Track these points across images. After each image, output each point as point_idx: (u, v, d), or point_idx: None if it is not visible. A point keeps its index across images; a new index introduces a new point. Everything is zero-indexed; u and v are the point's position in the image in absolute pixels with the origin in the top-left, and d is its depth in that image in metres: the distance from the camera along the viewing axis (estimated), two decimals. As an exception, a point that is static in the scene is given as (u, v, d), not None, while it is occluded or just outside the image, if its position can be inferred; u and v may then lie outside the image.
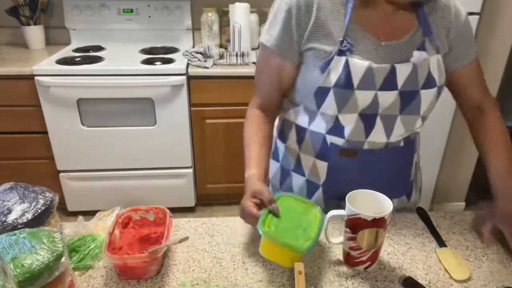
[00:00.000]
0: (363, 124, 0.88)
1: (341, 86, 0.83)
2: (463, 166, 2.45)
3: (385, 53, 0.85)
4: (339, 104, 0.86)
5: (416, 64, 0.85)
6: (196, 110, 2.21)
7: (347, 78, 0.83)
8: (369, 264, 0.81)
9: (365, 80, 0.83)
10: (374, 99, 0.85)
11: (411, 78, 0.85)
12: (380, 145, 0.91)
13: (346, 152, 0.92)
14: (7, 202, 0.79)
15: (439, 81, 0.88)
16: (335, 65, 0.83)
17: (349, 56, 0.83)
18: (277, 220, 0.80)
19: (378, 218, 0.74)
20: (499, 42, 2.12)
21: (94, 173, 2.30)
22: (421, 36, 0.86)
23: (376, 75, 0.83)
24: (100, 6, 2.43)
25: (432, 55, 0.87)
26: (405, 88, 0.85)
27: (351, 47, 0.83)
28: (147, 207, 0.88)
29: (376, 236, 0.77)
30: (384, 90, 0.85)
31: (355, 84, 0.83)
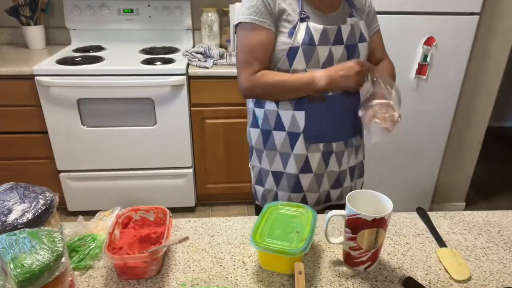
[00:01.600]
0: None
1: (306, 44, 1.07)
2: (463, 166, 2.45)
3: (330, 20, 1.12)
4: (306, 59, 1.08)
5: (353, 25, 1.13)
6: (196, 110, 2.21)
7: (310, 38, 1.07)
8: (369, 264, 0.81)
9: (322, 38, 1.08)
10: (329, 53, 1.10)
11: (351, 34, 1.12)
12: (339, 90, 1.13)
13: (315, 98, 1.11)
14: (7, 202, 0.79)
15: (367, 37, 1.17)
16: (299, 29, 1.07)
17: (308, 21, 1.08)
18: (270, 228, 0.82)
19: (378, 218, 0.74)
20: (499, 42, 2.12)
21: (94, 173, 2.30)
22: (348, 8, 1.15)
23: (329, 34, 1.09)
24: (100, 6, 2.43)
25: (359, 20, 1.15)
26: (348, 42, 1.12)
27: (308, 16, 1.09)
28: (147, 207, 0.88)
29: (376, 236, 0.77)
30: (335, 44, 1.10)
31: (316, 41, 1.08)
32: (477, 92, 2.23)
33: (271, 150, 1.19)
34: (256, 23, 1.08)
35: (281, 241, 0.78)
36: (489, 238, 0.92)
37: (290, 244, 0.77)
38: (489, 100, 2.26)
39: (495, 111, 2.41)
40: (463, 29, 2.01)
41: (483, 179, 2.77)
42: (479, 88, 2.22)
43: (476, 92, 2.23)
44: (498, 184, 2.93)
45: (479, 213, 1.01)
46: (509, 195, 2.81)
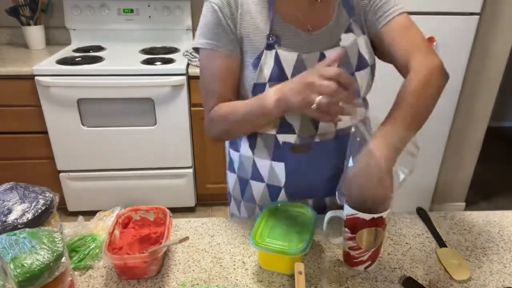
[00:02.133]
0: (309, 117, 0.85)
1: (275, 80, 0.82)
2: (463, 166, 2.45)
3: (314, 41, 0.85)
4: None
5: (346, 47, 0.84)
6: (196, 110, 2.21)
7: (280, 71, 0.82)
8: (369, 264, 0.81)
9: (297, 70, 0.81)
10: None
11: (344, 62, 0.83)
12: (331, 135, 0.90)
13: (300, 148, 0.90)
14: (7, 202, 0.79)
15: (370, 61, 0.88)
16: (265, 60, 0.83)
17: (277, 48, 0.83)
18: (270, 228, 0.82)
19: (376, 218, 0.74)
20: (499, 42, 2.12)
21: (94, 173, 2.30)
22: (346, 17, 0.86)
23: (307, 65, 0.83)
24: (100, 6, 2.43)
25: (359, 36, 0.87)
26: None
27: (279, 40, 0.83)
28: (147, 207, 0.88)
29: (375, 235, 0.77)
30: None
31: (289, 75, 0.82)
32: (477, 92, 2.23)
33: (248, 202, 1.02)
34: (210, 47, 0.85)
35: (281, 241, 0.78)
36: (489, 238, 0.92)
37: (290, 244, 0.77)
38: (489, 100, 2.26)
39: (495, 111, 2.40)
40: (463, 29, 2.01)
41: (483, 179, 2.77)
42: (479, 88, 2.22)
43: (476, 92, 2.23)
44: (498, 184, 2.93)
45: (479, 213, 1.01)
46: (509, 195, 2.81)
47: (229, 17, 0.84)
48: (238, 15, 0.84)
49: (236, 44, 0.86)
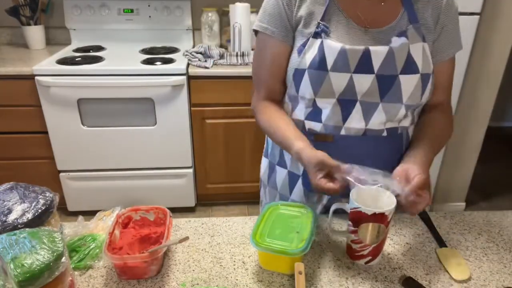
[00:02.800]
0: (341, 108, 0.87)
1: (315, 67, 0.84)
2: (463, 166, 2.45)
3: (364, 39, 0.85)
4: (314, 87, 0.85)
5: (392, 47, 0.83)
6: (196, 110, 2.21)
7: (321, 60, 0.83)
8: (370, 259, 0.81)
9: (339, 61, 0.82)
10: (349, 82, 0.84)
11: (388, 61, 0.83)
12: (358, 131, 0.89)
13: (322, 137, 0.90)
14: (7, 202, 0.79)
15: (423, 68, 0.85)
16: (310, 47, 0.85)
17: (324, 38, 0.84)
18: (270, 228, 0.82)
19: (378, 213, 0.75)
20: (499, 42, 2.12)
21: (94, 173, 2.30)
22: (406, 22, 0.86)
23: (350, 57, 0.82)
24: (100, 6, 2.43)
25: (415, 42, 0.85)
26: (382, 72, 0.83)
27: (327, 30, 0.84)
28: (147, 207, 0.88)
29: (377, 231, 0.77)
30: (359, 73, 0.83)
31: (329, 65, 0.83)
32: (477, 92, 2.23)
33: (272, 188, 1.05)
34: (266, 32, 0.89)
35: (281, 241, 0.78)
36: (489, 238, 0.92)
37: (290, 244, 0.77)
38: (489, 100, 2.26)
39: (495, 111, 2.41)
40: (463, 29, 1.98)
41: (483, 179, 2.77)
42: (479, 88, 2.22)
43: (476, 92, 2.23)
44: (498, 184, 2.93)
45: (479, 213, 1.01)
46: (509, 195, 2.81)
47: (287, 3, 0.87)
48: (297, 2, 0.87)
49: (290, 32, 0.89)
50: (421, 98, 0.88)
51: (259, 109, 0.96)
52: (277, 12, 0.88)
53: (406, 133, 0.95)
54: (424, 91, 0.87)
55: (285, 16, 0.87)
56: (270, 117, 0.93)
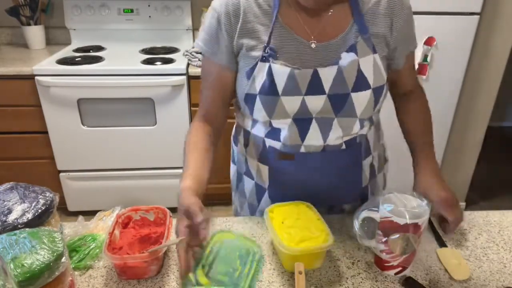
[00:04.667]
0: (297, 128, 0.87)
1: (266, 93, 0.83)
2: (463, 166, 2.45)
3: (313, 56, 0.83)
4: (268, 110, 0.85)
5: (341, 67, 0.82)
6: (196, 110, 2.19)
7: (271, 85, 0.82)
8: (400, 270, 0.79)
9: (289, 85, 0.82)
10: (302, 104, 0.83)
11: (338, 81, 0.82)
12: (317, 148, 0.89)
13: (283, 155, 0.91)
14: (7, 202, 0.79)
15: (374, 82, 0.84)
16: (259, 71, 0.83)
17: (272, 62, 0.82)
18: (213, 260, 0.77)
19: (410, 223, 0.72)
20: (499, 42, 2.12)
21: (94, 173, 2.30)
22: (355, 33, 0.83)
23: (299, 80, 0.82)
24: (100, 6, 2.43)
25: (365, 55, 0.83)
26: (334, 92, 0.83)
27: (274, 53, 0.82)
28: (147, 207, 0.88)
29: (408, 242, 0.74)
30: (311, 94, 0.83)
31: (280, 90, 0.82)
32: (477, 92, 2.23)
33: (241, 196, 1.07)
34: (206, 54, 0.88)
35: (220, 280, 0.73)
36: (489, 238, 0.92)
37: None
38: (489, 100, 2.26)
39: (495, 111, 2.40)
40: (463, 29, 2.01)
41: (483, 179, 2.77)
42: (479, 88, 2.22)
43: (476, 92, 2.23)
44: (498, 184, 2.93)
45: (479, 213, 1.01)
46: (509, 195, 2.81)
47: (227, 28, 0.84)
48: (239, 26, 0.83)
49: (231, 57, 0.86)
50: (374, 109, 0.88)
51: (191, 128, 0.95)
52: (215, 36, 0.85)
53: (365, 139, 0.96)
54: (377, 103, 0.87)
55: (225, 41, 0.85)
56: (190, 143, 0.93)
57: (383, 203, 0.77)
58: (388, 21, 0.84)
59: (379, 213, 0.77)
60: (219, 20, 0.84)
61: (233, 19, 0.83)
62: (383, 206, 0.76)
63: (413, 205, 0.77)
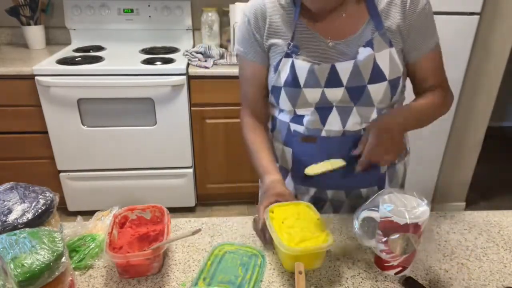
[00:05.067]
0: (319, 115, 0.95)
1: (289, 85, 0.93)
2: (463, 166, 2.45)
3: (332, 52, 0.91)
4: (291, 101, 0.95)
5: (357, 61, 0.89)
6: (196, 110, 2.21)
7: (293, 78, 0.92)
8: (400, 270, 0.79)
9: (309, 79, 0.91)
10: (322, 95, 0.92)
11: (355, 74, 0.90)
12: (337, 133, 0.95)
13: (306, 138, 0.98)
14: (7, 202, 0.79)
15: (390, 74, 0.90)
16: (283, 66, 0.93)
17: (295, 58, 0.92)
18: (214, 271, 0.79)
19: (410, 223, 0.72)
20: (499, 42, 2.12)
21: (94, 173, 2.30)
22: (372, 29, 0.89)
23: (319, 75, 0.91)
24: (100, 6, 2.43)
25: (381, 50, 0.89)
26: (351, 84, 0.91)
27: (297, 49, 0.92)
28: (143, 206, 0.88)
29: (408, 242, 0.74)
30: (330, 87, 0.91)
31: (302, 83, 0.92)
32: (477, 92, 2.23)
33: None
34: (241, 54, 1.00)
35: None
36: (489, 238, 0.92)
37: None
38: (489, 100, 2.26)
39: (495, 111, 2.40)
40: (463, 29, 2.01)
41: (483, 179, 2.77)
42: (479, 88, 2.22)
43: (476, 92, 2.23)
44: (498, 184, 2.93)
45: (479, 213, 1.01)
46: (509, 195, 2.81)
47: (256, 30, 0.95)
48: (266, 26, 0.94)
49: (263, 55, 0.97)
50: (391, 100, 0.94)
51: (245, 124, 1.05)
52: (247, 37, 0.97)
53: None
54: (395, 94, 0.94)
55: (255, 42, 0.96)
56: (254, 140, 1.02)
57: (383, 203, 0.77)
58: (401, 11, 0.89)
59: (379, 213, 0.77)
60: (249, 23, 0.95)
61: (261, 22, 0.94)
62: (383, 206, 0.76)
63: (413, 205, 0.77)
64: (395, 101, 0.97)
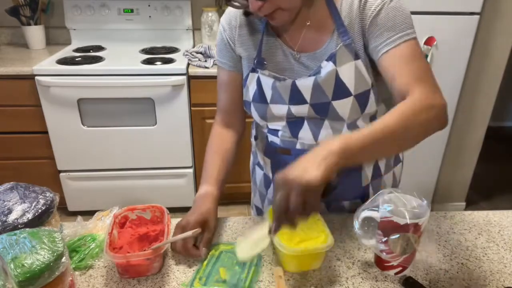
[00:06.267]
0: (289, 129, 0.93)
1: (257, 101, 0.92)
2: (463, 166, 2.45)
3: (297, 66, 0.88)
4: (261, 115, 0.94)
5: (317, 78, 0.84)
6: (196, 110, 2.21)
7: (260, 93, 0.91)
8: (400, 270, 0.79)
9: (274, 95, 0.89)
10: (289, 111, 0.90)
11: (316, 91, 0.85)
12: (310, 146, 0.92)
13: (281, 150, 0.97)
14: (7, 202, 0.79)
15: (356, 89, 0.83)
16: (250, 81, 0.93)
17: (260, 73, 0.90)
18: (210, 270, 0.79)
19: (410, 223, 0.72)
20: (499, 42, 2.12)
21: (94, 173, 2.30)
22: (337, 41, 0.83)
23: (281, 91, 0.88)
24: (100, 6, 2.43)
25: (345, 63, 0.82)
26: (315, 101, 0.86)
27: (261, 65, 0.90)
28: (143, 206, 0.88)
29: (408, 242, 0.74)
30: (294, 104, 0.89)
31: (268, 98, 0.90)
32: (477, 92, 2.23)
33: (254, 184, 1.14)
34: (218, 64, 0.99)
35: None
36: (489, 238, 0.92)
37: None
38: (489, 100, 2.26)
39: (495, 111, 2.40)
40: (464, 29, 2.01)
41: (483, 179, 2.77)
42: (479, 88, 2.22)
43: (476, 92, 2.23)
44: (498, 184, 2.93)
45: (479, 213, 1.01)
46: (509, 195, 2.81)
47: (230, 37, 0.94)
48: (236, 36, 0.93)
49: (237, 62, 0.96)
50: (362, 112, 0.87)
51: (212, 132, 1.05)
52: (223, 46, 0.96)
53: None
54: (365, 107, 0.86)
55: (230, 48, 0.95)
56: (211, 147, 1.02)
57: (383, 203, 0.77)
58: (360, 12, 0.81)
59: (379, 213, 0.77)
60: (224, 31, 0.95)
61: (233, 30, 0.93)
62: (383, 206, 0.76)
63: (413, 205, 0.77)
64: (369, 113, 0.88)
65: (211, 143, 1.03)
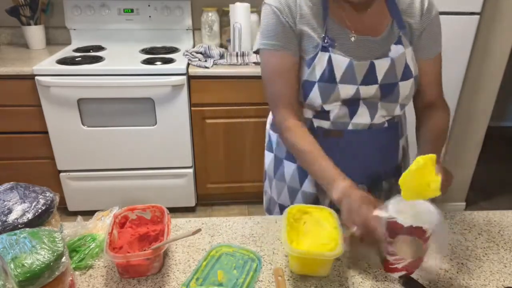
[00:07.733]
0: (347, 108, 0.94)
1: (324, 80, 0.89)
2: (463, 166, 2.45)
3: (365, 48, 0.91)
4: (323, 97, 0.91)
5: (394, 59, 0.91)
6: (196, 110, 2.21)
7: (330, 73, 0.89)
8: (405, 275, 0.79)
9: (346, 75, 0.89)
10: (356, 92, 0.91)
11: (390, 71, 0.91)
12: (364, 126, 0.95)
13: (332, 133, 0.96)
14: (7, 202, 0.79)
15: (415, 71, 0.94)
16: (319, 60, 0.89)
17: (331, 52, 0.89)
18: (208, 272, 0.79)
19: (415, 227, 0.72)
20: (499, 42, 2.12)
21: (95, 173, 2.30)
22: (396, 29, 0.92)
23: (357, 71, 0.89)
24: (100, 6, 2.43)
25: (407, 48, 0.93)
26: (385, 81, 0.91)
27: (333, 43, 0.89)
28: (143, 206, 0.88)
29: (413, 246, 0.74)
30: (365, 84, 0.90)
31: (338, 78, 0.89)
32: (477, 92, 2.23)
33: (280, 181, 1.08)
34: (271, 49, 0.90)
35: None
36: (489, 238, 0.92)
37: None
38: (489, 100, 2.26)
39: (495, 111, 2.40)
40: (464, 29, 2.01)
41: (483, 179, 2.77)
42: (479, 88, 2.22)
43: (476, 92, 2.23)
44: (498, 184, 2.93)
45: (479, 213, 1.01)
46: (509, 195, 2.81)
47: (289, 16, 0.89)
48: (298, 15, 0.90)
49: (295, 42, 0.91)
50: (411, 97, 0.98)
51: (292, 128, 0.93)
52: (280, 27, 0.90)
53: (400, 119, 1.04)
54: (415, 91, 0.97)
55: (288, 27, 0.90)
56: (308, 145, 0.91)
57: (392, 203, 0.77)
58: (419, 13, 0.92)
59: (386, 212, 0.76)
60: (281, 12, 0.89)
61: (293, 8, 0.89)
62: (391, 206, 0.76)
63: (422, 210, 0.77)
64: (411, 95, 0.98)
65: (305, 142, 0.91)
